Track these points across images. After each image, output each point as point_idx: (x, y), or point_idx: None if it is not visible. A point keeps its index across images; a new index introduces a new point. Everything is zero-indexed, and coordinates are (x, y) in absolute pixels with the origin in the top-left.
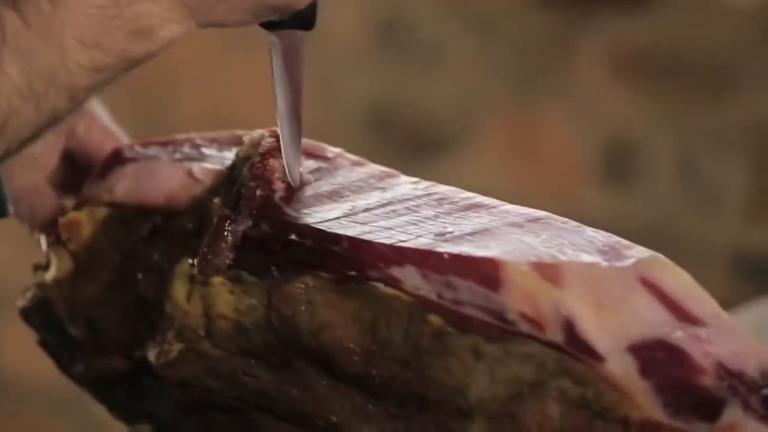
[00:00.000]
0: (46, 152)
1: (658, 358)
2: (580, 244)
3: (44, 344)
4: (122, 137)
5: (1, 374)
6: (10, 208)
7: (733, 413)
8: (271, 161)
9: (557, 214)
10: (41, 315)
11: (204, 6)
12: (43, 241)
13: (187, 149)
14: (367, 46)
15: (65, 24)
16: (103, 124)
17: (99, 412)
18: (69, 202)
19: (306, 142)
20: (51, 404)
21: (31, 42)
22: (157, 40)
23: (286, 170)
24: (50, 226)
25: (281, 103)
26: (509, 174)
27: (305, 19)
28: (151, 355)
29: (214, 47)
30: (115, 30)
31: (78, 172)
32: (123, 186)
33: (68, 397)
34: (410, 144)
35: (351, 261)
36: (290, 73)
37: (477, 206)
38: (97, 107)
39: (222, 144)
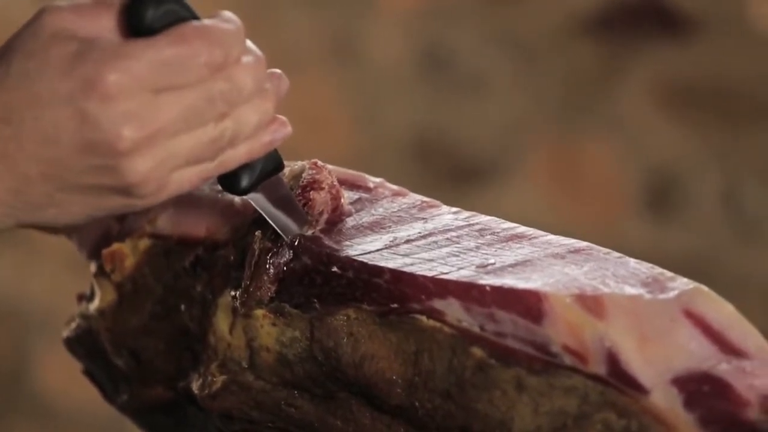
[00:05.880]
0: None
1: (702, 391)
2: (623, 276)
3: (88, 374)
4: None
5: (45, 400)
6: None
7: None
8: (312, 193)
9: (599, 245)
10: (85, 345)
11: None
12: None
13: None
14: (410, 74)
15: None
16: None
17: None
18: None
19: (347, 172)
20: (93, 430)
21: None
22: None
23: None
24: (97, 255)
25: (288, 230)
26: (551, 204)
27: (274, 167)
28: (195, 386)
29: None
30: None
31: None
32: (165, 217)
33: (110, 422)
34: (452, 172)
35: (393, 293)
36: (285, 206)
37: (518, 237)
38: None
39: None
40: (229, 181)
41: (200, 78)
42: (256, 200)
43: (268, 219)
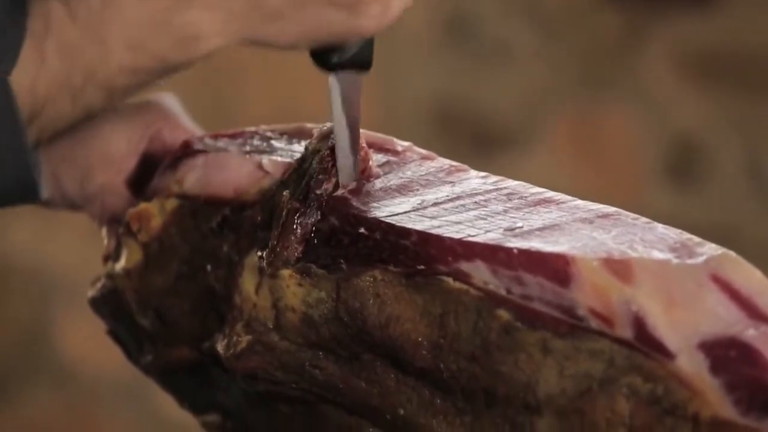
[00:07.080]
0: (128, 154)
1: (729, 356)
2: (650, 241)
3: (113, 334)
4: None
5: (65, 364)
6: (43, 193)
7: None
8: None
9: None
10: (111, 305)
11: (260, 20)
12: (107, 236)
13: (256, 141)
14: (433, 42)
15: (113, 24)
16: (187, 128)
17: (162, 402)
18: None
19: (375, 135)
20: (114, 394)
21: (75, 37)
22: (198, 51)
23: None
24: (117, 222)
25: (340, 139)
26: (573, 172)
27: (363, 61)
28: (220, 346)
29: None
30: (162, 35)
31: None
32: (193, 178)
33: (131, 386)
34: (474, 141)
35: (420, 255)
36: (349, 114)
37: (546, 201)
38: (181, 111)
39: (291, 136)
40: (321, 55)
41: None
42: (334, 86)
43: (333, 113)
